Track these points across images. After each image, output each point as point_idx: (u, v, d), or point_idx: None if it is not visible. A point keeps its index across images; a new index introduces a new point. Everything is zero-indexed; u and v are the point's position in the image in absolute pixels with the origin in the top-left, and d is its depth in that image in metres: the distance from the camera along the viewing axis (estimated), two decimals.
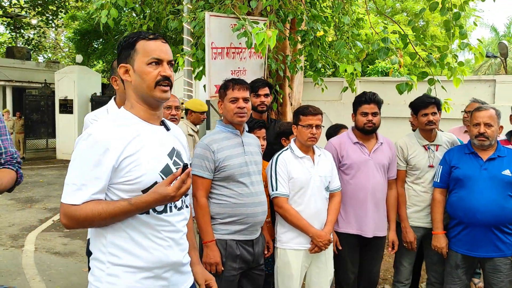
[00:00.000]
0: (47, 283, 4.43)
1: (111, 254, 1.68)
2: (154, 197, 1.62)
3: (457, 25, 4.56)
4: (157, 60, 1.71)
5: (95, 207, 1.60)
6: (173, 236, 1.76)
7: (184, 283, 1.86)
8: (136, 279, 1.68)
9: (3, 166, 2.14)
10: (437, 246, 3.20)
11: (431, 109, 3.32)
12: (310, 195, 2.92)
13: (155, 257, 1.70)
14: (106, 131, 1.65)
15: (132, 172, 1.65)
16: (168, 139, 1.82)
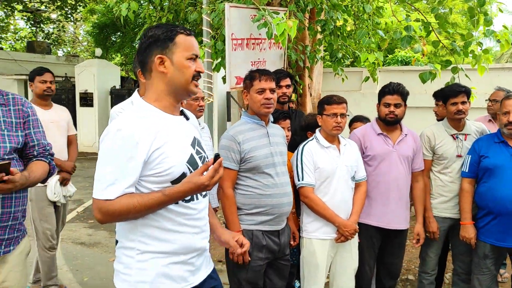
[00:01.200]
0: (74, 273, 4.52)
1: (140, 242, 1.72)
2: (189, 186, 1.66)
3: (481, 12, 4.47)
4: (195, 56, 1.76)
5: (129, 201, 1.62)
6: (199, 223, 1.82)
7: (207, 266, 1.93)
8: (164, 264, 1.73)
9: (36, 158, 2.18)
10: (466, 236, 3.16)
11: (461, 98, 3.27)
12: (336, 185, 2.92)
13: (182, 243, 1.76)
14: (134, 125, 1.65)
15: (162, 164, 1.67)
16: (189, 128, 1.86)
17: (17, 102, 2.16)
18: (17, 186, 1.90)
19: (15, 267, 2.13)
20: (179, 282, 1.77)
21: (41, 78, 3.80)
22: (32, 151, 2.18)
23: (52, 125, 3.79)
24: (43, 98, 3.86)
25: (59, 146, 3.79)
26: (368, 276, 3.32)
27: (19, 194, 2.10)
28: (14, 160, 2.08)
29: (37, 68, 3.93)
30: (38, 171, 2.12)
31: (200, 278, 1.86)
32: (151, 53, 1.74)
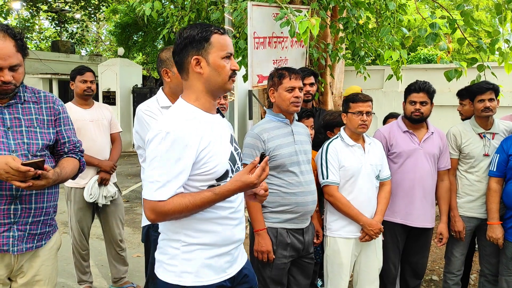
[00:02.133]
0: (99, 268, 4.61)
1: (186, 235, 1.80)
2: (238, 185, 1.72)
3: (509, 8, 4.38)
4: (230, 54, 1.80)
5: (181, 201, 1.68)
6: (238, 215, 1.90)
7: (242, 257, 2.01)
8: (208, 256, 1.81)
9: (67, 155, 2.23)
10: (493, 236, 3.11)
11: (488, 95, 3.21)
12: (361, 184, 2.91)
13: (224, 235, 1.84)
14: (182, 128, 1.69)
15: (208, 163, 1.74)
16: (224, 126, 1.91)
17: (49, 100, 2.21)
18: (50, 183, 1.95)
19: (46, 261, 2.19)
20: (219, 273, 1.85)
21: (82, 78, 3.80)
22: (63, 148, 2.23)
23: (92, 124, 3.80)
24: (83, 98, 3.85)
25: (99, 145, 3.80)
26: (393, 274, 3.30)
27: (51, 190, 2.15)
28: (46, 157, 2.13)
29: (78, 67, 3.92)
30: (69, 167, 2.16)
31: (237, 268, 1.94)
32: (187, 54, 1.78)
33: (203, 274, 1.81)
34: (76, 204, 3.80)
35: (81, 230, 3.86)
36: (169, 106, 2.57)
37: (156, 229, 2.52)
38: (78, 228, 3.84)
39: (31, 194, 2.06)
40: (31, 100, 2.15)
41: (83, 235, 3.88)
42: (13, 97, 2.09)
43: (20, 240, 2.06)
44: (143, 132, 2.48)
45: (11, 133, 2.03)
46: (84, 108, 3.86)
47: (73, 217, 3.83)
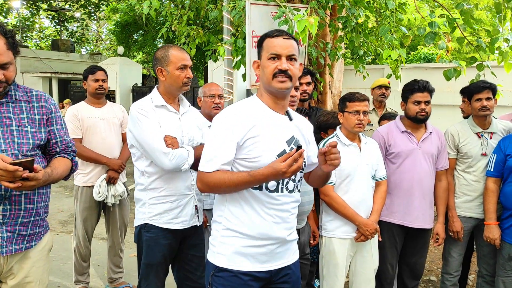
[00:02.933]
0: (95, 267, 4.59)
1: (226, 219, 1.97)
2: (269, 170, 1.83)
3: (508, 7, 4.35)
4: (275, 55, 1.92)
5: (222, 176, 1.88)
6: (281, 214, 1.97)
7: (289, 257, 2.06)
8: (242, 245, 1.94)
9: (59, 155, 2.21)
10: (490, 237, 3.09)
11: (485, 94, 3.19)
12: (356, 183, 2.88)
13: (261, 229, 1.93)
14: (234, 115, 1.93)
15: (252, 151, 1.90)
16: (289, 127, 2.02)
17: (41, 99, 2.18)
18: (39, 183, 1.92)
19: (37, 263, 2.16)
20: (253, 263, 1.94)
21: (94, 77, 3.80)
22: (55, 148, 2.20)
23: (103, 123, 3.79)
24: (96, 96, 3.84)
25: (109, 144, 3.78)
26: (390, 275, 3.27)
27: (42, 191, 2.12)
28: (37, 157, 2.10)
29: (91, 66, 3.91)
30: (60, 168, 2.14)
31: (277, 265, 2.00)
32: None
33: (235, 259, 1.94)
34: (82, 203, 3.79)
35: (86, 230, 3.84)
36: (163, 105, 2.55)
37: (148, 230, 2.52)
38: (83, 228, 3.82)
39: (21, 194, 2.03)
40: (22, 99, 2.12)
41: (87, 235, 3.86)
42: (4, 96, 2.06)
43: (9, 241, 2.03)
44: (136, 130, 2.46)
45: (1, 132, 2.00)
46: (96, 106, 3.85)
47: (79, 216, 3.82)
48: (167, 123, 2.51)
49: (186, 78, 2.55)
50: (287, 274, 2.04)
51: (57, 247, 5.20)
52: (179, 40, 6.24)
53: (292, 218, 2.04)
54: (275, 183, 1.93)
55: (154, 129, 2.42)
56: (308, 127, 2.19)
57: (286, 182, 1.97)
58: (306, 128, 2.16)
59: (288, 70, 1.91)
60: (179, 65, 2.53)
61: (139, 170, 2.55)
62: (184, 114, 2.65)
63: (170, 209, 2.51)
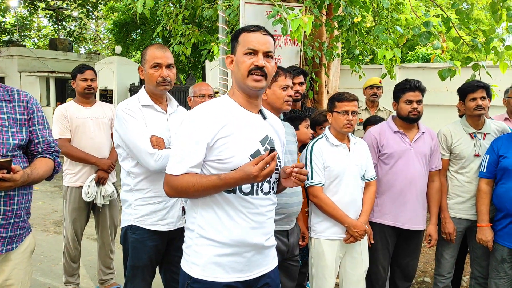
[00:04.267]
0: (87, 268, 4.55)
1: (199, 226, 1.86)
2: (240, 174, 1.74)
3: (504, 7, 4.31)
4: (252, 50, 1.82)
5: (190, 179, 1.78)
6: (257, 218, 1.86)
7: (266, 265, 1.95)
8: (216, 253, 1.83)
9: (40, 155, 2.17)
10: (483, 239, 3.05)
11: (480, 93, 3.16)
12: (345, 184, 2.85)
13: (236, 235, 1.82)
14: (204, 114, 1.83)
15: (224, 152, 1.80)
16: (263, 126, 1.93)
17: (22, 99, 2.15)
18: (17, 184, 1.89)
19: (18, 265, 2.12)
20: (230, 273, 1.84)
21: (82, 76, 3.76)
22: (37, 148, 2.17)
23: (92, 122, 3.74)
24: (85, 96, 3.80)
25: (98, 143, 3.74)
26: (382, 277, 3.24)
27: (22, 192, 2.08)
28: (18, 157, 2.07)
29: (79, 66, 3.87)
30: (41, 168, 2.10)
31: (255, 274, 1.90)
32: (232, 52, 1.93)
33: (210, 270, 1.83)
34: (71, 204, 3.74)
35: (75, 231, 3.79)
36: (150, 104, 2.52)
37: (133, 231, 2.48)
38: (72, 229, 3.78)
39: (0, 195, 1.99)
40: (3, 98, 2.09)
41: (76, 236, 3.81)
42: None
43: None
44: (122, 130, 2.43)
45: None
46: (85, 106, 3.81)
47: (68, 217, 3.77)
48: (154, 123, 2.48)
49: (160, 77, 2.49)
50: (266, 283, 1.94)
51: (50, 247, 5.19)
52: (174, 39, 6.22)
53: (269, 222, 1.94)
54: (249, 185, 1.83)
55: (140, 129, 2.39)
56: (282, 127, 2.10)
57: (261, 184, 1.87)
58: (281, 128, 2.08)
59: (265, 67, 1.82)
60: (152, 64, 2.49)
61: (125, 170, 2.52)
62: (172, 114, 2.61)
63: (156, 210, 2.47)
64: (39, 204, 7.51)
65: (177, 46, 6.12)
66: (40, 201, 7.69)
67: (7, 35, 19.91)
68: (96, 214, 3.90)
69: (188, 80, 14.40)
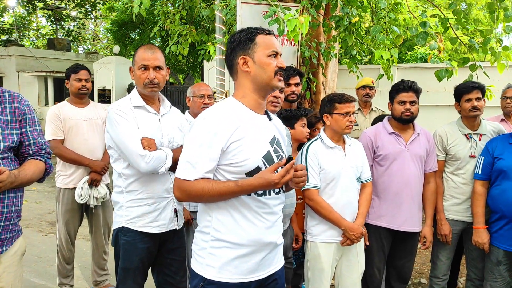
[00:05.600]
0: (82, 269, 4.53)
1: (215, 229, 1.87)
2: (260, 182, 1.78)
3: (501, 7, 4.30)
4: (275, 53, 1.88)
5: (206, 185, 1.79)
6: (270, 218, 1.91)
7: (277, 263, 2.00)
8: (233, 255, 1.85)
9: (31, 157, 2.15)
10: (478, 241, 3.03)
11: (475, 94, 3.14)
12: (341, 186, 2.82)
13: (252, 236, 1.86)
14: (216, 118, 1.83)
15: (238, 155, 1.81)
16: (270, 128, 1.96)
17: (13, 100, 2.12)
18: (5, 185, 1.87)
19: (8, 268, 2.09)
20: (244, 273, 1.87)
21: (76, 76, 3.72)
22: (27, 150, 2.14)
23: (85, 123, 3.71)
24: (78, 96, 3.76)
25: (91, 145, 3.71)
26: (378, 279, 3.22)
27: (12, 194, 2.05)
28: (9, 159, 2.04)
29: (73, 66, 3.83)
30: (30, 170, 2.07)
31: (267, 273, 1.94)
32: (235, 56, 1.91)
33: (226, 272, 1.86)
34: (64, 206, 3.71)
35: (68, 233, 3.76)
36: (142, 105, 2.50)
37: (125, 233, 2.46)
38: (65, 231, 3.75)
39: None
40: None
41: (69, 238, 3.78)
42: None
43: None
44: (113, 132, 2.40)
45: None
46: (79, 107, 3.78)
47: (61, 218, 3.74)
48: (146, 124, 2.45)
49: (147, 79, 2.46)
50: (275, 279, 1.99)
51: (45, 248, 5.16)
52: (172, 39, 6.20)
53: (280, 220, 1.99)
54: None
55: (131, 130, 2.37)
56: (283, 127, 2.14)
57: None
58: (283, 128, 2.12)
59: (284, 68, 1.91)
60: (139, 65, 2.47)
61: (116, 172, 2.49)
62: (165, 115, 2.59)
63: (148, 212, 2.45)
64: (36, 204, 7.49)
65: (174, 46, 6.11)
66: (37, 201, 7.67)
67: (6, 34, 19.87)
68: (89, 216, 3.87)
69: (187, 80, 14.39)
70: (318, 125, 3.41)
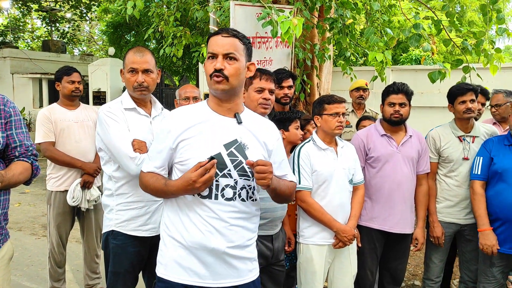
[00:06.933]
0: (74, 273, 4.50)
1: (165, 225, 1.92)
2: (181, 181, 1.78)
3: (494, 9, 4.31)
4: (213, 54, 1.83)
5: (149, 178, 1.90)
6: (215, 223, 1.82)
7: (236, 278, 1.88)
8: (178, 253, 1.85)
9: (18, 159, 2.12)
10: (487, 244, 2.92)
11: (469, 96, 3.13)
12: (334, 188, 2.81)
13: (194, 237, 1.82)
14: (175, 116, 1.89)
15: (184, 154, 1.83)
16: (234, 130, 1.88)
17: None
18: None
19: None
20: (191, 276, 1.83)
21: (69, 78, 3.69)
22: (13, 152, 2.12)
23: (76, 125, 3.68)
24: (70, 99, 3.74)
25: (83, 147, 3.67)
26: (370, 281, 3.21)
27: None
28: None
29: (64, 68, 3.80)
30: (17, 170, 2.04)
31: (219, 284, 1.85)
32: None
33: (172, 269, 1.85)
34: (56, 209, 3.68)
35: (59, 236, 3.72)
36: (133, 107, 2.48)
37: (115, 237, 2.44)
38: (57, 234, 3.71)
39: None
40: None
41: (61, 241, 3.74)
42: None
43: None
44: (103, 134, 2.39)
45: None
46: (70, 109, 3.75)
47: (52, 222, 3.71)
48: (136, 127, 2.43)
49: (136, 83, 2.44)
50: None
51: (37, 251, 5.12)
52: (166, 41, 6.18)
53: (234, 230, 1.84)
54: (208, 188, 1.80)
55: (121, 132, 2.35)
56: (268, 131, 2.00)
57: (222, 189, 1.82)
58: (264, 132, 1.97)
59: (224, 69, 1.80)
60: (128, 68, 2.45)
61: (106, 174, 2.47)
62: (156, 118, 2.57)
63: (138, 215, 2.43)
64: (29, 207, 7.44)
65: (169, 48, 6.09)
66: (30, 204, 7.62)
67: (0, 36, 19.78)
68: (80, 219, 3.84)
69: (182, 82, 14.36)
70: (308, 127, 3.40)
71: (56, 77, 3.77)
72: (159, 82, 3.73)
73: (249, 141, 1.90)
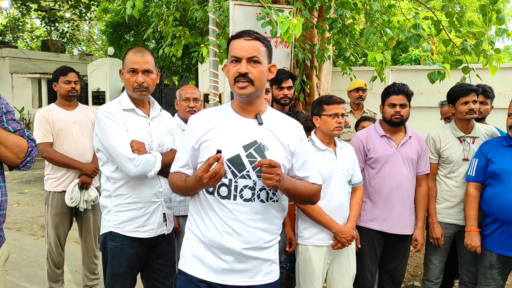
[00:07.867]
0: (73, 273, 4.48)
1: (189, 222, 2.00)
2: (193, 177, 1.85)
3: (494, 9, 4.30)
4: (236, 58, 1.83)
5: (175, 177, 1.98)
6: (232, 224, 1.85)
7: (252, 278, 1.90)
8: (198, 249, 1.91)
9: None
10: (471, 244, 3.00)
11: (472, 97, 3.12)
12: (332, 189, 2.80)
13: (211, 235, 1.87)
14: (199, 118, 1.96)
15: (205, 154, 1.86)
16: (255, 132, 1.88)
17: None
18: None
19: None
20: (208, 271, 1.88)
21: (65, 79, 3.67)
22: None
23: (74, 126, 3.66)
24: (67, 99, 3.72)
25: (81, 148, 3.66)
26: (370, 282, 3.20)
27: None
28: None
29: (61, 68, 3.77)
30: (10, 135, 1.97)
31: (235, 282, 1.88)
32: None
33: (193, 263, 1.91)
34: (54, 209, 3.66)
35: (57, 237, 3.71)
36: (131, 108, 2.47)
37: (113, 238, 2.43)
38: (55, 235, 3.69)
39: None
40: None
41: (59, 242, 3.73)
42: None
43: None
44: (101, 135, 2.37)
45: None
46: (67, 109, 3.73)
47: (50, 222, 3.69)
48: (135, 128, 2.42)
49: (136, 83, 2.42)
50: None
51: (36, 252, 5.11)
52: (165, 41, 6.17)
53: (249, 231, 1.86)
54: (226, 189, 1.84)
55: (120, 133, 2.33)
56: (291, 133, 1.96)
57: (241, 190, 1.83)
58: (286, 133, 1.94)
59: (249, 73, 1.79)
60: (128, 68, 2.44)
61: (105, 175, 2.46)
62: (155, 119, 2.56)
63: (136, 216, 2.42)
64: (28, 207, 7.43)
65: (168, 48, 6.08)
66: (29, 204, 7.61)
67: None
68: (79, 219, 3.82)
69: (181, 81, 14.35)
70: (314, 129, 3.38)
71: (53, 77, 3.76)
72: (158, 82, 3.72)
73: (269, 142, 1.89)
